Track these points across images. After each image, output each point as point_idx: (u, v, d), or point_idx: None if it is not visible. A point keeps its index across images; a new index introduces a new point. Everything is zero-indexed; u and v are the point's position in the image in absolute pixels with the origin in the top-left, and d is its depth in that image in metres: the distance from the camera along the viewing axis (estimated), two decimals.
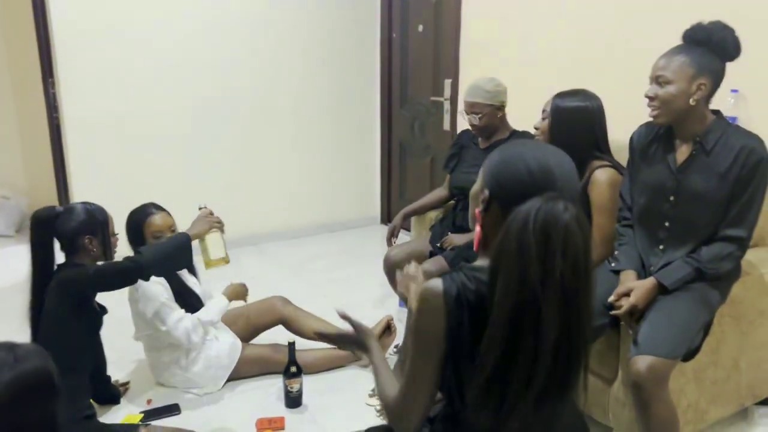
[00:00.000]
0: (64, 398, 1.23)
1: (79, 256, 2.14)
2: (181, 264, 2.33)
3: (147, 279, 2.27)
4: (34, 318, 2.13)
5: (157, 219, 2.47)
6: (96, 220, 2.15)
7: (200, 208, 2.44)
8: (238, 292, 2.65)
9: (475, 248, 1.27)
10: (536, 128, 2.36)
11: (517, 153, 1.21)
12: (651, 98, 1.95)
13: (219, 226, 2.43)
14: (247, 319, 2.80)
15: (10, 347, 1.17)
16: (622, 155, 2.28)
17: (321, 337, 1.56)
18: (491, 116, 2.70)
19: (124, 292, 2.40)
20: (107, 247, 2.19)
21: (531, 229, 1.07)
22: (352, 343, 1.51)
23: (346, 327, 1.51)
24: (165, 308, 2.43)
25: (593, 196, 2.22)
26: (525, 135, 2.75)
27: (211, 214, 2.43)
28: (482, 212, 1.23)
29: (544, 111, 2.34)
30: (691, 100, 1.88)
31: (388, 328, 2.77)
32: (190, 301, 2.55)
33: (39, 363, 1.16)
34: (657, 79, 1.93)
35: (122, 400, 2.54)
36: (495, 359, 1.10)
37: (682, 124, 1.97)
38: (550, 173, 1.17)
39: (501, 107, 2.73)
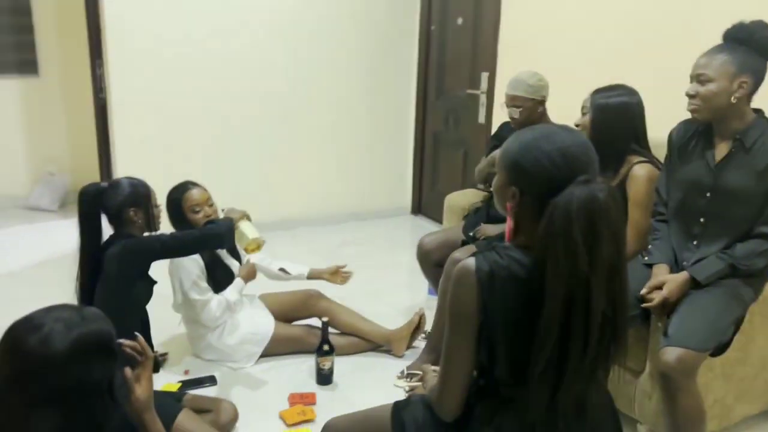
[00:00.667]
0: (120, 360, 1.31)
1: (126, 228, 2.24)
2: (229, 242, 2.46)
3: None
4: (84, 287, 2.23)
5: (194, 194, 2.59)
6: (139, 193, 2.25)
7: (223, 210, 2.58)
8: (249, 270, 2.71)
9: (507, 239, 1.30)
10: (577, 125, 2.38)
11: (532, 145, 1.22)
12: (692, 96, 1.96)
13: (247, 214, 2.57)
14: (281, 313, 2.86)
15: (77, 308, 1.25)
16: (659, 152, 2.29)
17: None
18: (532, 110, 2.70)
19: (165, 266, 2.51)
20: (151, 218, 2.29)
21: (574, 219, 1.11)
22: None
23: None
24: (195, 286, 2.55)
25: (631, 191, 2.24)
26: None
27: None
28: (514, 207, 1.26)
29: (583, 107, 2.35)
30: (732, 98, 1.90)
31: (418, 323, 2.85)
32: (217, 275, 2.64)
33: (103, 324, 1.24)
34: (698, 78, 1.94)
35: (161, 370, 2.65)
36: (553, 339, 1.15)
37: (722, 122, 1.98)
38: (571, 156, 1.19)
39: (542, 102, 2.73)
